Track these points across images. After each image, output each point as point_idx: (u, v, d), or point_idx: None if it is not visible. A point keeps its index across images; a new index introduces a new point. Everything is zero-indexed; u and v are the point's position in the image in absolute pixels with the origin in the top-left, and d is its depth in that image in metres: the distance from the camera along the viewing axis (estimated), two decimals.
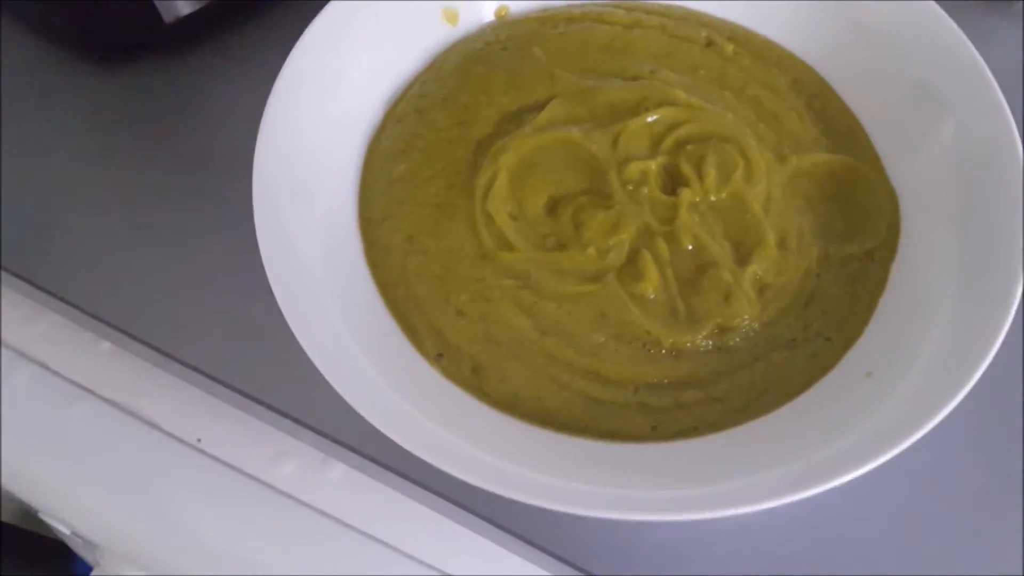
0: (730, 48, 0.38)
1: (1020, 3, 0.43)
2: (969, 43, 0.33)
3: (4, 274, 0.37)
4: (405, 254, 0.33)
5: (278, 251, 0.29)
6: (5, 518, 0.52)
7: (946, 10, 0.34)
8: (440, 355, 0.31)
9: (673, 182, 0.34)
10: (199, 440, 0.35)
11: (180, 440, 0.35)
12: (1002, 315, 0.27)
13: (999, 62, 0.40)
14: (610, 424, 0.29)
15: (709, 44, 0.38)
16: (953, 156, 0.32)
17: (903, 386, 0.28)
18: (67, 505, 0.36)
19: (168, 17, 0.39)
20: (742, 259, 0.32)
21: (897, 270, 0.32)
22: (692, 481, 0.26)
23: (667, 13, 0.39)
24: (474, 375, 0.30)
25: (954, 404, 0.26)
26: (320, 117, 0.34)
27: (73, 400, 0.36)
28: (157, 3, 0.38)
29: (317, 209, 0.32)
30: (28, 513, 0.49)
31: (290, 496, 0.34)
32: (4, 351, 0.37)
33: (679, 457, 0.28)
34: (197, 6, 0.39)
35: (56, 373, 0.37)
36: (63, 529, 0.40)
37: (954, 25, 0.34)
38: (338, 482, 0.34)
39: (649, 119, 0.34)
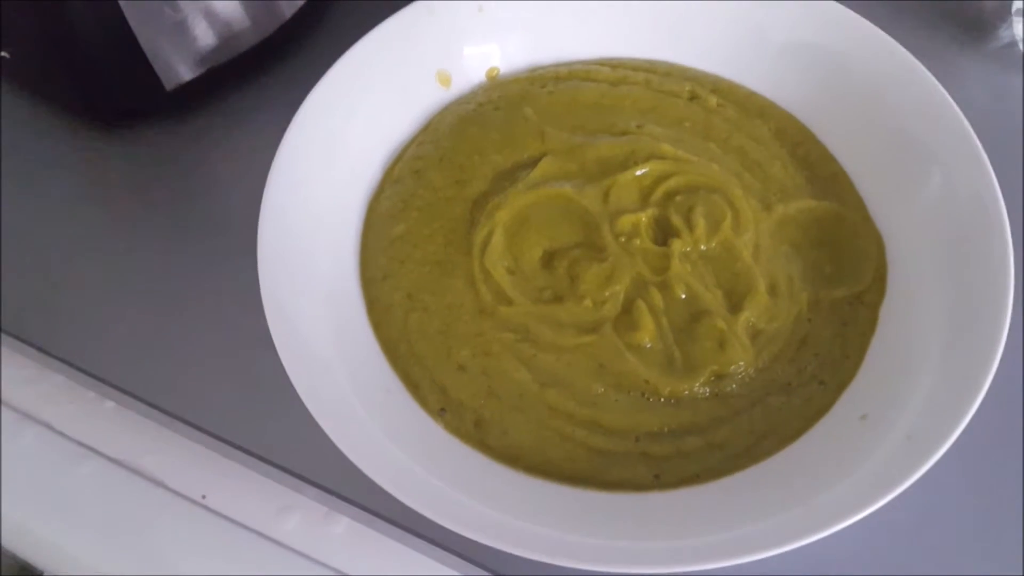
0: (713, 100, 0.39)
1: (994, 44, 0.44)
2: (950, 99, 0.34)
3: (7, 337, 0.37)
4: (406, 311, 0.33)
5: (282, 312, 0.30)
6: (5, 573, 0.52)
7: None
8: (443, 410, 0.31)
9: (664, 233, 0.34)
10: (204, 496, 0.35)
11: (185, 497, 0.35)
12: (990, 355, 0.28)
13: (973, 100, 0.42)
14: (613, 474, 0.29)
15: (693, 97, 0.39)
16: (938, 204, 0.33)
17: (897, 428, 0.28)
18: (73, 565, 0.35)
19: (169, 84, 0.40)
20: (734, 306, 0.32)
21: (886, 312, 0.33)
22: (697, 530, 0.27)
23: (651, 69, 0.40)
24: (477, 429, 0.31)
25: (948, 445, 0.26)
26: (321, 181, 0.34)
27: (78, 460, 0.36)
28: (158, 70, 0.39)
29: (320, 270, 0.33)
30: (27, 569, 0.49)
31: (295, 550, 0.34)
32: (9, 413, 0.38)
33: (683, 505, 0.28)
34: (197, 72, 0.40)
35: (60, 433, 0.37)
36: None
37: (934, 80, 0.35)
38: (342, 536, 0.34)
39: (638, 172, 0.35)
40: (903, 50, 0.36)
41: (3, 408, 0.38)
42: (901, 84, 0.35)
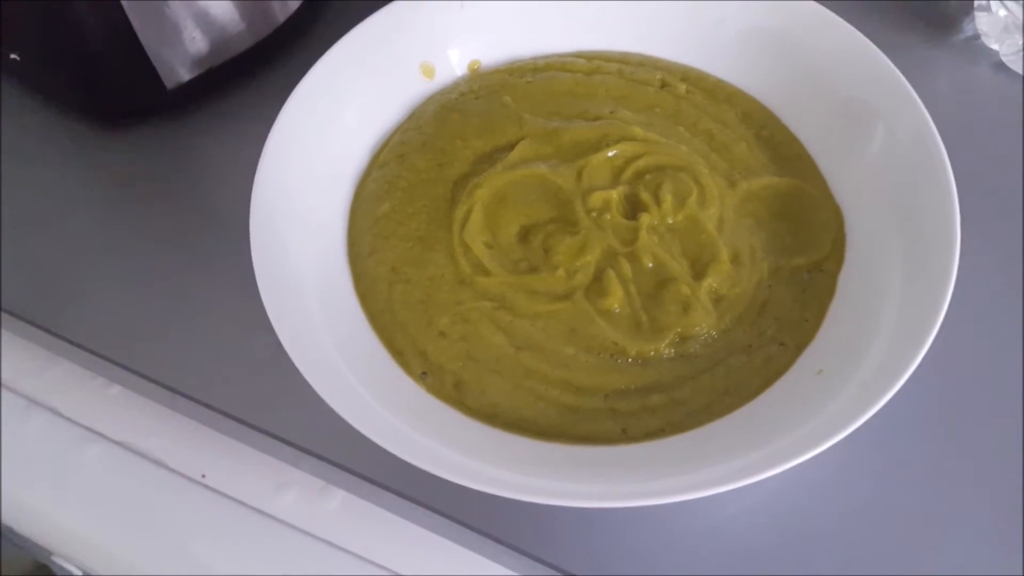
0: (683, 88, 0.41)
1: (957, 37, 0.46)
2: (885, 57, 0.36)
3: (18, 322, 0.39)
4: (390, 284, 0.35)
5: (276, 288, 0.32)
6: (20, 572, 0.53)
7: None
8: (424, 373, 0.33)
9: (633, 208, 0.36)
10: (203, 475, 0.37)
11: (186, 476, 0.37)
12: (935, 312, 0.29)
13: (939, 90, 0.44)
14: (583, 429, 0.31)
15: (664, 85, 0.41)
16: (885, 156, 0.35)
17: (851, 380, 0.30)
18: (78, 545, 0.37)
19: (170, 83, 0.42)
20: (698, 274, 0.34)
21: (844, 278, 0.34)
22: (660, 475, 0.28)
23: (624, 59, 0.42)
24: (456, 390, 0.32)
25: (891, 394, 0.28)
26: (311, 165, 0.36)
27: (84, 443, 0.38)
28: (160, 70, 0.41)
29: (310, 248, 0.35)
30: (39, 564, 0.50)
31: (292, 525, 0.35)
32: (17, 399, 0.39)
33: (648, 455, 0.30)
34: (196, 72, 0.42)
35: (67, 418, 0.39)
36: (74, 570, 0.41)
37: (872, 45, 0.37)
38: (337, 509, 0.35)
39: (610, 154, 0.37)
40: (841, 20, 0.38)
41: (11, 395, 0.39)
42: (849, 56, 0.37)
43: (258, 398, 0.35)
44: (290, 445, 0.34)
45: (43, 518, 0.37)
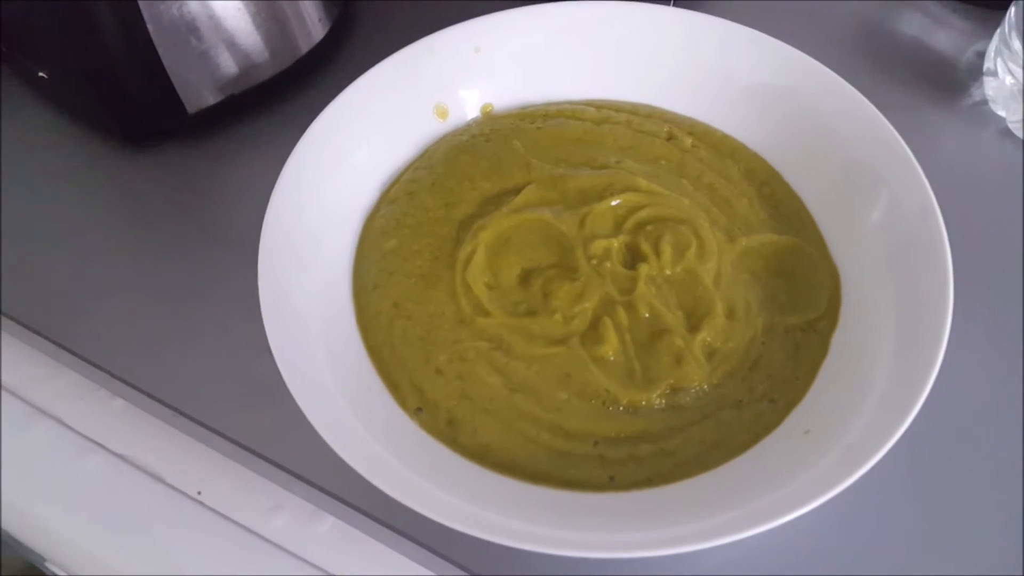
0: (689, 141, 0.41)
1: (966, 101, 0.47)
2: (890, 125, 0.37)
3: (27, 332, 0.40)
4: (391, 319, 0.36)
5: (279, 317, 0.32)
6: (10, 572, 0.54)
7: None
8: (419, 409, 0.33)
9: (633, 258, 0.37)
10: (199, 493, 0.37)
11: (182, 493, 0.37)
12: (923, 382, 0.30)
13: (946, 154, 0.45)
14: (571, 474, 0.31)
15: (670, 138, 0.42)
16: (885, 226, 0.36)
17: (838, 442, 0.30)
18: (74, 554, 0.37)
19: (192, 108, 0.43)
20: (693, 327, 0.35)
21: (838, 339, 0.35)
22: (644, 527, 0.29)
23: (633, 111, 0.43)
24: (449, 428, 0.33)
25: (876, 460, 0.28)
26: (321, 198, 0.37)
27: (84, 453, 0.38)
28: (182, 95, 0.42)
29: (315, 279, 0.36)
30: (30, 566, 0.51)
31: (281, 548, 0.36)
32: (22, 406, 0.40)
33: (634, 505, 0.30)
34: (218, 98, 0.43)
35: (70, 428, 0.39)
36: None
37: (877, 112, 0.38)
38: (326, 535, 0.36)
39: (613, 203, 0.38)
40: (847, 84, 0.39)
41: (16, 401, 0.40)
42: (854, 121, 0.38)
43: (257, 422, 0.36)
44: (284, 470, 0.35)
45: (40, 524, 0.38)
